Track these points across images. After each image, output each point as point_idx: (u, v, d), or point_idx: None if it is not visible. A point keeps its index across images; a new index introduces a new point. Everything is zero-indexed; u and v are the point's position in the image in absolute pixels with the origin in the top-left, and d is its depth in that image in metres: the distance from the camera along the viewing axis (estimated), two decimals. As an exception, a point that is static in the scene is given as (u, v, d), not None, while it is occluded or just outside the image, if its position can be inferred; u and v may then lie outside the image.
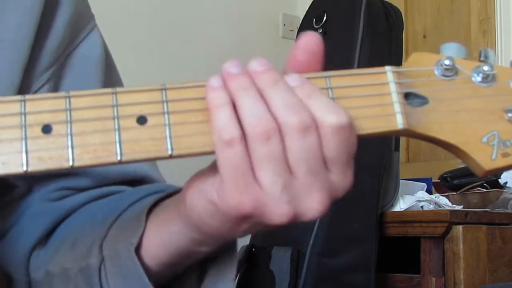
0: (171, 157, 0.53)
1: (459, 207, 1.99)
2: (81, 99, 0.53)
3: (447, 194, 2.10)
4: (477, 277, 1.82)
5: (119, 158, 0.52)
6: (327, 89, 0.55)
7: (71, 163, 0.52)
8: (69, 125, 0.52)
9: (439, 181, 2.16)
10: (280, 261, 1.96)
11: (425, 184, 2.16)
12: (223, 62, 0.55)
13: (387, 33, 2.07)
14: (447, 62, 0.57)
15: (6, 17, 0.72)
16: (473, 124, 0.56)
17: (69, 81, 0.77)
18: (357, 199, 1.97)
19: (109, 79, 0.81)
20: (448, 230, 1.83)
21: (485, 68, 0.57)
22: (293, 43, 2.08)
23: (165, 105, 0.53)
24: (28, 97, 0.53)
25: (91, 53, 0.79)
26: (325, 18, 2.12)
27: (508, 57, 2.37)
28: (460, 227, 1.82)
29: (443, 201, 2.01)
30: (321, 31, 2.11)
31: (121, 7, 2.52)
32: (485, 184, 2.05)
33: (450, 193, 2.10)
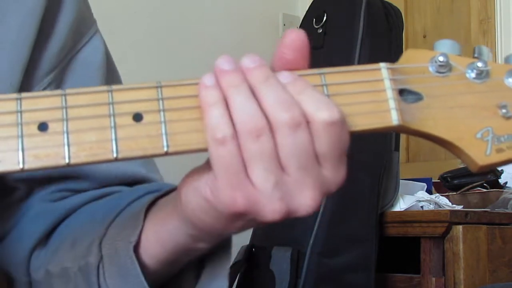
0: (167, 154, 0.53)
1: (459, 207, 1.99)
2: (77, 97, 0.53)
3: (447, 194, 2.10)
4: (477, 277, 1.82)
5: (115, 155, 0.53)
6: (322, 86, 0.55)
7: (67, 161, 0.52)
8: (65, 123, 0.53)
9: (439, 181, 2.16)
10: (280, 261, 1.96)
11: (425, 184, 2.16)
12: (223, 62, 0.55)
13: (387, 33, 2.07)
14: (441, 58, 0.57)
15: (7, 17, 0.73)
16: (467, 120, 0.56)
17: (70, 85, 0.78)
18: (357, 199, 1.97)
19: (111, 84, 0.81)
20: (448, 230, 1.83)
21: (479, 64, 0.57)
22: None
23: (160, 102, 0.54)
24: (24, 95, 0.53)
25: (93, 58, 0.80)
26: (325, 18, 2.12)
27: (508, 57, 2.37)
28: (460, 227, 1.82)
29: (443, 201, 2.01)
30: (321, 31, 2.11)
31: (121, 7, 2.52)
32: (485, 184, 2.04)
33: (450, 193, 2.10)
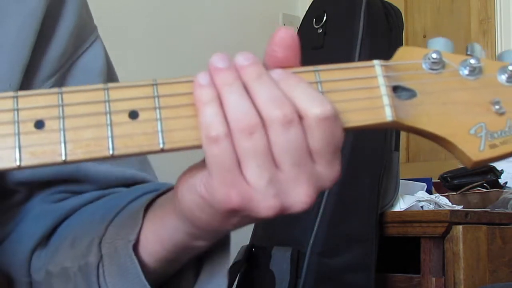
0: (162, 151, 0.54)
1: (459, 207, 1.99)
2: (73, 95, 0.54)
3: (447, 194, 2.10)
4: (477, 277, 1.82)
5: (111, 152, 0.53)
6: (317, 83, 0.56)
7: (63, 158, 0.52)
8: (61, 120, 0.53)
9: (439, 181, 2.16)
10: (280, 261, 1.96)
11: (425, 184, 2.16)
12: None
13: (387, 33, 2.07)
14: (434, 55, 0.58)
15: (7, 18, 0.73)
16: (461, 116, 0.57)
17: None
18: (357, 199, 1.97)
19: None
20: (448, 230, 1.83)
21: (472, 61, 0.58)
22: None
23: (156, 100, 0.54)
24: (21, 93, 0.54)
25: (94, 64, 0.80)
26: (325, 18, 2.12)
27: (508, 57, 2.37)
28: (460, 227, 1.82)
29: (443, 201, 2.01)
30: (321, 31, 2.11)
31: (121, 7, 2.52)
32: (485, 184, 2.04)
33: (450, 193, 2.10)
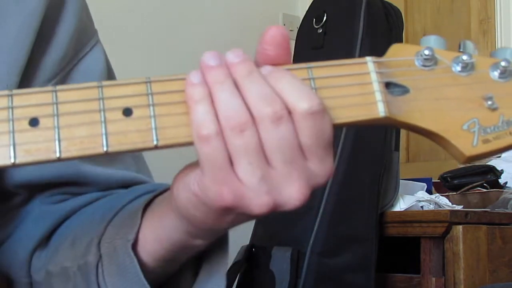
0: (156, 147, 0.54)
1: (459, 207, 1.99)
2: (67, 93, 0.54)
3: (447, 194, 2.10)
4: (477, 277, 1.82)
5: (105, 149, 0.53)
6: (309, 79, 0.56)
7: (58, 155, 0.53)
8: (56, 118, 0.53)
9: (439, 181, 2.16)
10: (280, 261, 1.96)
11: (425, 184, 2.16)
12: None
13: (387, 33, 2.07)
14: (426, 52, 0.58)
15: (6, 19, 0.73)
16: (454, 112, 0.57)
17: None
18: (357, 199, 1.97)
19: None
20: (448, 230, 1.83)
21: (464, 57, 0.58)
22: (293, 43, 2.09)
23: (150, 97, 0.54)
24: (15, 91, 0.54)
25: (94, 68, 0.80)
26: (325, 18, 2.12)
27: (508, 57, 2.37)
28: (460, 227, 1.82)
29: (443, 201, 2.01)
30: (321, 31, 2.11)
31: (120, 7, 2.52)
32: (485, 184, 2.04)
33: (450, 193, 2.10)
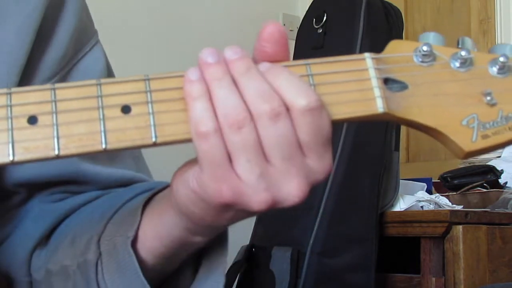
0: (155, 144, 0.54)
1: (459, 207, 1.99)
2: (66, 91, 0.54)
3: (447, 194, 2.10)
4: (477, 277, 1.82)
5: (104, 146, 0.53)
6: (308, 76, 0.56)
7: (56, 152, 0.53)
8: (54, 115, 0.53)
9: (439, 181, 2.16)
10: (280, 261, 1.96)
11: (425, 184, 2.16)
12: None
13: (387, 33, 2.06)
14: (425, 48, 0.58)
15: (6, 20, 0.73)
16: (452, 107, 0.57)
17: None
18: (357, 199, 1.97)
19: None
20: (448, 230, 1.83)
21: (463, 53, 0.58)
22: (293, 43, 2.09)
23: (148, 94, 0.54)
24: (14, 89, 0.54)
25: (94, 68, 0.80)
26: (325, 18, 2.12)
27: (508, 57, 2.37)
28: (460, 227, 1.82)
29: (443, 201, 2.01)
30: (321, 31, 2.11)
31: (121, 7, 2.52)
32: (485, 184, 2.04)
33: (450, 193, 2.10)
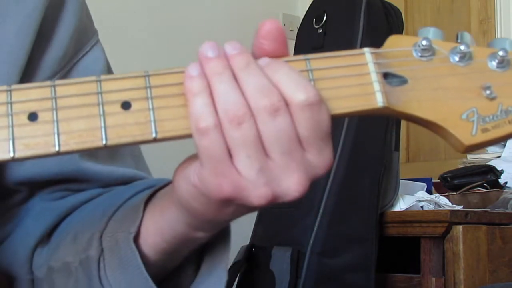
0: (155, 140, 0.54)
1: (459, 207, 1.99)
2: (66, 87, 0.54)
3: (447, 194, 2.10)
4: (477, 277, 1.82)
5: (104, 142, 0.53)
6: (307, 71, 0.56)
7: (57, 149, 0.53)
8: (54, 112, 0.53)
9: (439, 181, 2.16)
10: (280, 261, 1.96)
11: (425, 184, 2.16)
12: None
13: (387, 33, 2.06)
14: (424, 42, 0.58)
15: (6, 19, 0.73)
16: (452, 101, 0.57)
17: None
18: (357, 199, 1.97)
19: None
20: (448, 230, 1.83)
21: (462, 47, 0.59)
22: (293, 43, 2.09)
23: (148, 90, 0.55)
24: (14, 86, 0.54)
25: (94, 67, 0.80)
26: (325, 18, 2.12)
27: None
28: (460, 227, 1.82)
29: (443, 201, 2.01)
30: (321, 31, 2.11)
31: (120, 7, 2.52)
32: (485, 184, 2.04)
33: (450, 193, 2.10)
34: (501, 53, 0.59)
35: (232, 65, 0.54)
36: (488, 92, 0.58)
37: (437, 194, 2.12)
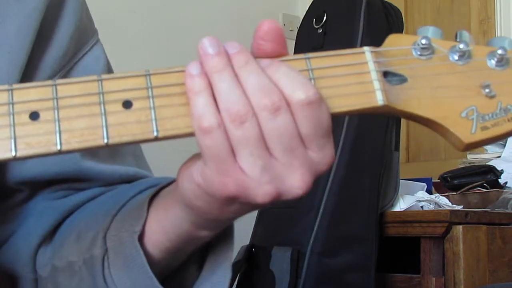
0: (156, 139, 0.54)
1: (459, 207, 1.99)
2: (67, 87, 0.55)
3: (447, 194, 2.10)
4: (477, 277, 1.82)
5: (105, 141, 0.54)
6: (308, 70, 0.56)
7: (58, 147, 0.53)
8: (56, 111, 0.54)
9: (439, 181, 2.16)
10: (280, 261, 1.96)
11: (425, 184, 2.16)
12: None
13: (387, 33, 2.06)
14: (423, 41, 0.59)
15: (7, 19, 0.73)
16: (452, 99, 0.58)
17: None
18: (357, 199, 1.97)
19: None
20: (448, 230, 1.83)
21: (461, 46, 0.59)
22: (293, 43, 2.09)
23: (149, 89, 0.55)
24: (15, 86, 0.55)
25: (94, 67, 0.80)
26: (325, 18, 2.12)
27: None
28: (460, 227, 1.82)
29: (443, 201, 2.01)
30: (321, 31, 2.11)
31: (120, 7, 2.52)
32: (485, 184, 2.04)
33: (450, 193, 2.10)
34: (500, 52, 0.59)
35: (232, 64, 0.54)
36: (487, 90, 0.58)
37: (437, 194, 2.12)
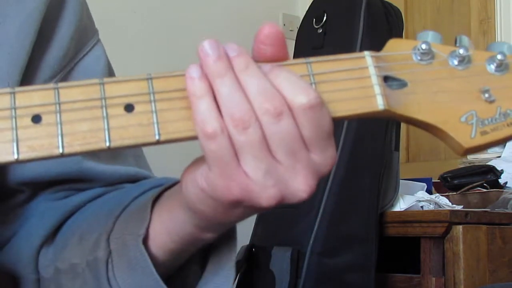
0: (158, 142, 0.55)
1: (459, 207, 1.99)
2: (69, 90, 0.55)
3: (447, 194, 2.10)
4: (477, 277, 1.82)
5: (107, 144, 0.54)
6: (309, 75, 0.57)
7: (61, 151, 0.53)
8: (58, 114, 0.54)
9: (439, 181, 2.16)
10: (280, 261, 1.96)
11: (425, 184, 2.16)
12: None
13: (387, 33, 2.07)
14: (423, 46, 0.59)
15: (7, 19, 0.73)
16: (451, 104, 0.58)
17: None
18: (357, 199, 1.97)
19: None
20: (448, 230, 1.83)
21: (461, 51, 0.59)
22: (293, 43, 2.09)
23: (151, 94, 0.55)
24: (17, 89, 0.55)
25: (95, 67, 0.81)
26: (325, 18, 2.12)
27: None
28: (460, 227, 1.82)
29: (443, 201, 2.01)
30: (321, 31, 2.11)
31: (120, 7, 2.52)
32: (485, 184, 2.05)
33: (450, 193, 2.10)
34: (499, 57, 0.59)
35: (232, 67, 0.55)
36: (487, 95, 0.58)
37: (437, 194, 2.12)
